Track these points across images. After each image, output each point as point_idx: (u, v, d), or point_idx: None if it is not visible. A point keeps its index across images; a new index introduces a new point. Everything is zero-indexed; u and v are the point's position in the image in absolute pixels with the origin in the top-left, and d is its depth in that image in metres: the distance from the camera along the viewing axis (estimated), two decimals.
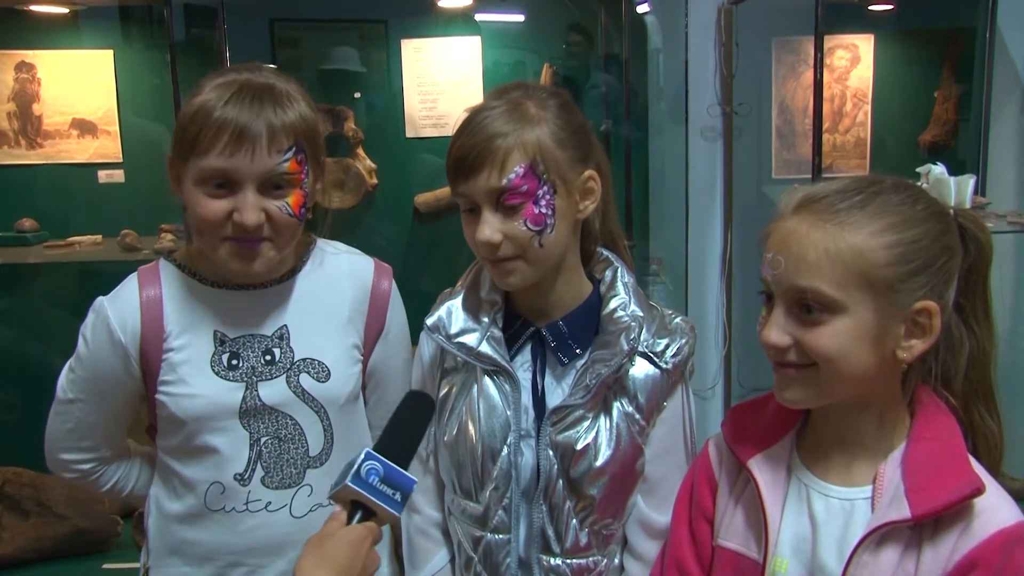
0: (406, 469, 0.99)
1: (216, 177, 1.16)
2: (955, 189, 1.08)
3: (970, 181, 1.03)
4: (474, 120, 1.15)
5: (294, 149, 1.18)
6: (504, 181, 1.12)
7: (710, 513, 1.13)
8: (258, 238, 1.18)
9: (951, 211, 1.02)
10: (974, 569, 0.92)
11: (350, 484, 0.95)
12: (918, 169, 1.38)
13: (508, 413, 1.21)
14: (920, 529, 0.96)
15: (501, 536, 1.23)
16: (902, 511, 0.94)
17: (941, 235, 0.98)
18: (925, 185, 0.97)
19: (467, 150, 1.13)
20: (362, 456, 0.97)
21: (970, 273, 1.02)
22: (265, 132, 1.14)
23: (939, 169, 1.03)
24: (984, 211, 2.60)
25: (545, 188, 1.14)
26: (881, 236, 0.95)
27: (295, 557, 1.28)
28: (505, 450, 1.21)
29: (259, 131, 1.14)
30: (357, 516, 0.97)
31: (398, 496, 0.97)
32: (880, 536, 0.96)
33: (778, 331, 0.98)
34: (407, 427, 1.06)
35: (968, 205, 0.93)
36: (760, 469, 1.06)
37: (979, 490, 0.93)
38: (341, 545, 0.95)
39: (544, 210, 1.14)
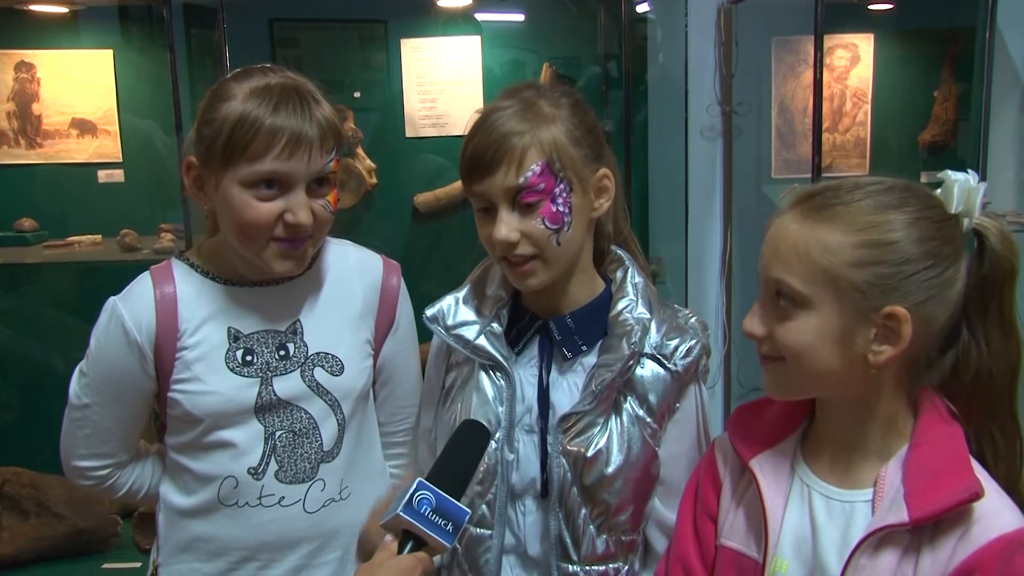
0: (459, 500, 0.98)
1: (269, 179, 1.17)
2: (957, 194, 1.03)
3: (979, 188, 0.99)
4: (488, 119, 1.15)
5: (335, 148, 1.21)
6: (521, 179, 1.12)
7: (714, 512, 1.13)
8: (305, 237, 1.21)
9: (955, 218, 0.99)
10: (972, 575, 0.91)
11: (402, 514, 0.95)
12: (939, 175, 1.34)
13: (499, 409, 1.20)
14: (920, 533, 0.95)
15: (483, 531, 1.22)
16: (900, 515, 0.94)
17: (926, 241, 0.95)
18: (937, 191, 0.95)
19: (483, 148, 1.13)
20: (415, 486, 0.96)
21: (983, 284, 0.99)
22: (318, 135, 1.17)
23: (960, 176, 0.96)
24: (983, 211, 2.60)
25: (562, 186, 1.14)
26: (853, 235, 0.94)
27: (308, 552, 1.29)
28: (492, 445, 1.20)
29: (313, 135, 1.16)
30: (408, 546, 0.96)
31: (450, 527, 0.96)
32: (878, 539, 0.95)
33: (756, 321, 1.00)
34: (461, 457, 1.05)
35: (977, 212, 0.90)
36: (762, 469, 1.06)
37: (977, 494, 0.91)
38: (392, 574, 0.95)
39: (561, 208, 1.14)
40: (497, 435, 1.20)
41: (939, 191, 1.02)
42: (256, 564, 1.27)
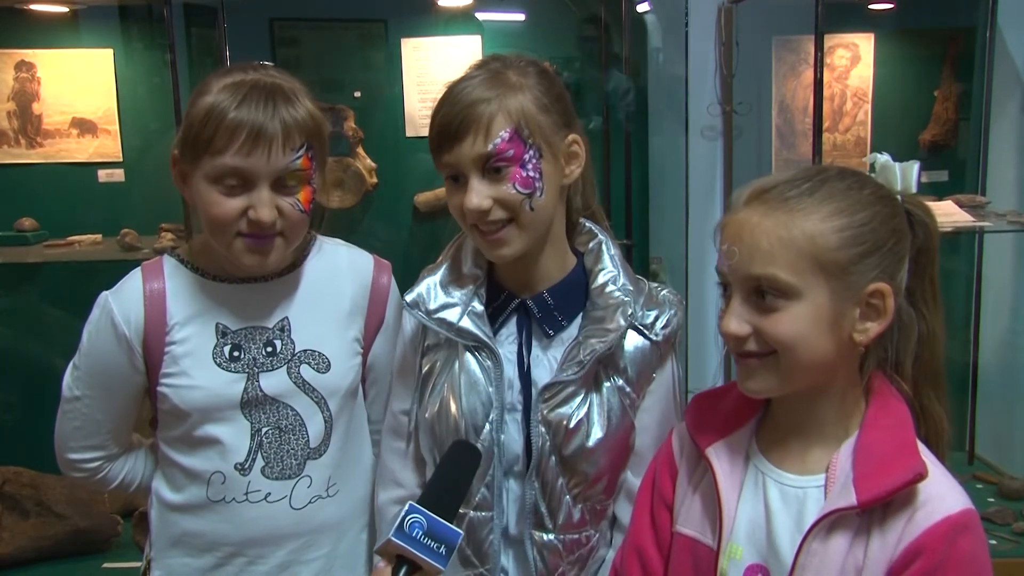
0: (451, 522, 0.98)
1: (231, 175, 1.17)
2: (900, 175, 1.09)
3: (914, 166, 1.06)
4: (455, 90, 1.16)
5: (305, 147, 1.20)
6: (490, 146, 1.13)
7: (670, 500, 1.14)
8: (271, 233, 1.21)
9: (898, 196, 1.05)
10: (918, 557, 0.94)
11: (393, 539, 0.95)
12: (864, 159, 1.41)
13: (490, 390, 1.21)
14: (870, 517, 0.97)
15: (484, 513, 1.22)
16: (849, 498, 0.96)
17: (889, 218, 1.00)
18: (873, 173, 1.02)
19: (450, 118, 1.14)
20: (406, 509, 0.96)
21: (919, 256, 1.04)
22: (280, 131, 1.17)
23: (884, 157, 1.07)
24: (984, 210, 2.60)
25: (531, 152, 1.15)
26: (831, 220, 0.97)
27: (294, 548, 1.30)
28: (487, 427, 1.20)
29: (275, 131, 1.16)
30: (402, 571, 0.96)
31: (443, 549, 0.96)
32: (830, 523, 0.97)
33: (737, 320, 1.00)
34: (452, 479, 1.05)
35: (914, 190, 0.97)
36: (718, 457, 1.08)
37: (920, 475, 0.94)
38: None
39: (532, 173, 1.15)
40: (491, 416, 1.20)
41: (873, 173, 1.06)
42: (244, 560, 1.29)
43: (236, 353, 1.26)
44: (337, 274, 1.35)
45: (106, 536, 2.63)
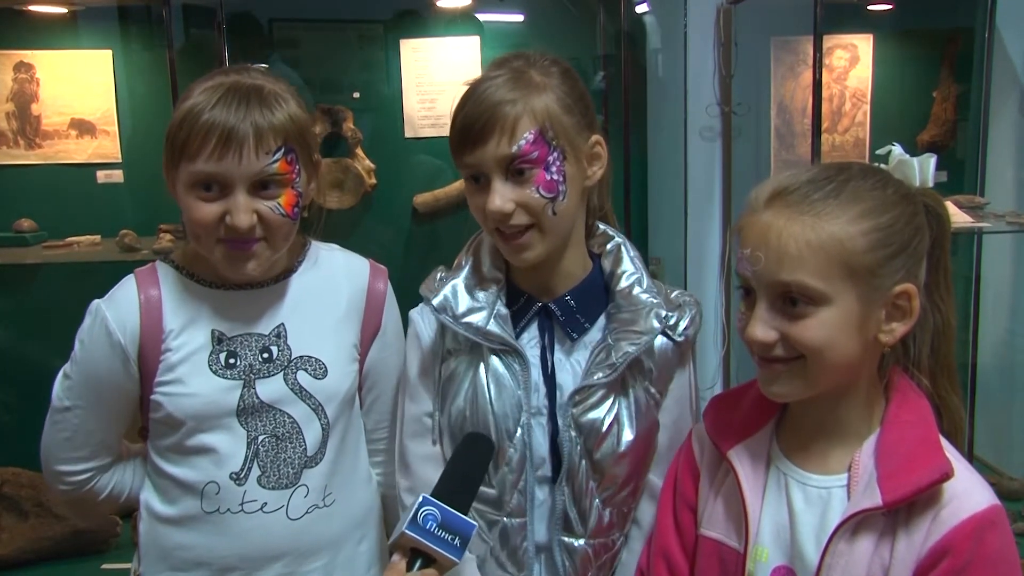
0: (465, 513, 0.98)
1: (206, 181, 1.15)
2: (919, 169, 1.07)
3: (931, 160, 1.04)
4: (478, 89, 1.14)
5: (283, 149, 1.17)
6: (514, 148, 1.11)
7: (693, 503, 1.14)
8: (251, 239, 1.18)
9: (916, 191, 1.03)
10: (945, 556, 0.92)
11: (407, 531, 0.94)
12: (878, 152, 1.38)
13: (519, 393, 1.19)
14: (895, 516, 0.96)
15: (517, 520, 1.21)
16: (874, 498, 0.95)
17: (912, 216, 0.98)
18: (885, 165, 1.01)
19: (474, 118, 1.11)
20: (419, 501, 0.96)
21: (933, 249, 1.03)
22: (252, 134, 1.14)
23: (898, 150, 1.05)
24: (983, 211, 2.60)
25: (555, 154, 1.13)
26: (858, 223, 0.95)
27: (289, 561, 1.26)
28: (519, 431, 1.19)
29: (245, 133, 1.13)
30: (417, 564, 0.95)
31: (457, 541, 0.96)
32: (855, 524, 0.96)
33: (763, 327, 0.98)
34: (465, 470, 1.04)
35: (931, 184, 0.96)
36: (740, 459, 1.07)
37: (947, 475, 0.93)
38: None
39: (556, 176, 1.13)
40: (521, 420, 1.19)
41: (888, 166, 1.04)
42: (238, 573, 1.25)
43: (232, 360, 1.23)
44: (333, 280, 1.33)
45: (105, 537, 2.63)
